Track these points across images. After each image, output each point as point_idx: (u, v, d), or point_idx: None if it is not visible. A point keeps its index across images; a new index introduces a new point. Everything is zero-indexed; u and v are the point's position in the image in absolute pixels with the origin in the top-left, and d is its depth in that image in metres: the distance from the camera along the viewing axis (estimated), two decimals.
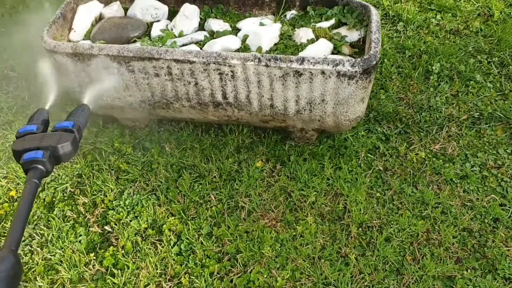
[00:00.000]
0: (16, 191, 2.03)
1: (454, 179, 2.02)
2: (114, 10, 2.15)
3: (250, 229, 1.84)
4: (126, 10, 2.20)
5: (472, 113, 2.28)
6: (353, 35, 2.01)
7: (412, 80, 2.44)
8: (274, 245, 1.80)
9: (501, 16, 2.81)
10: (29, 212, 1.07)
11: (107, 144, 2.17)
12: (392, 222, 1.87)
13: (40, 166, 1.15)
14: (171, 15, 2.17)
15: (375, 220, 1.88)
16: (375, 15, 1.93)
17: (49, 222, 1.91)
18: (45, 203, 1.99)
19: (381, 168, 2.06)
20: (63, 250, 1.82)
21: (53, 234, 1.87)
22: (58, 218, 1.92)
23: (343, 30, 2.03)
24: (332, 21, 2.06)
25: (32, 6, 3.01)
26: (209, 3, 2.18)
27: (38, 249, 1.84)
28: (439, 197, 1.96)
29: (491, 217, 1.88)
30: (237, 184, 1.99)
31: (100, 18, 2.16)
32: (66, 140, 1.24)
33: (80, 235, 1.87)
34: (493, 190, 1.98)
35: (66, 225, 1.90)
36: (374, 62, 1.72)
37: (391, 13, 2.87)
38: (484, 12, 2.87)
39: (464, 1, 2.94)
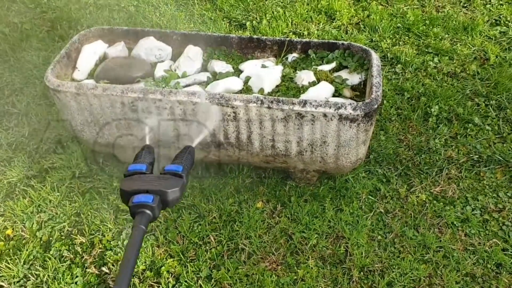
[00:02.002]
0: (13, 229, 2.00)
1: (455, 223, 2.00)
2: (119, 50, 2.18)
3: (250, 273, 1.81)
4: (130, 50, 2.23)
5: (471, 155, 2.30)
6: (354, 78, 2.04)
7: (411, 122, 2.47)
8: None
9: (497, 60, 2.86)
10: (136, 260, 1.03)
11: (106, 182, 2.16)
12: (394, 266, 1.85)
13: (148, 212, 1.11)
14: (175, 56, 2.20)
15: (377, 264, 1.86)
16: (375, 59, 1.97)
17: (45, 262, 1.87)
18: (41, 242, 1.95)
19: (382, 210, 2.05)
20: None
21: (49, 275, 1.83)
22: (55, 258, 1.88)
23: (344, 73, 2.06)
24: (333, 64, 2.09)
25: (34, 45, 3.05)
26: (212, 45, 2.21)
27: None
28: (440, 240, 1.94)
29: (493, 262, 1.86)
30: (237, 225, 1.97)
31: (105, 57, 2.19)
32: (176, 185, 1.20)
33: (77, 276, 1.83)
34: (495, 234, 1.97)
35: (63, 265, 1.86)
36: (376, 106, 1.74)
37: (389, 55, 2.92)
38: (480, 55, 2.93)
39: (460, 45, 3.00)
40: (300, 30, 3.14)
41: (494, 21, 3.23)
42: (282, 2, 3.44)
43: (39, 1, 3.46)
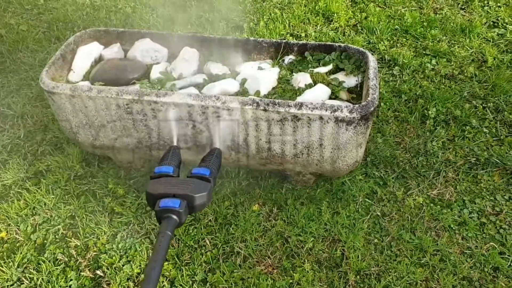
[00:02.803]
0: (7, 232, 1.98)
1: (452, 226, 1.99)
2: (114, 51, 2.17)
3: (246, 276, 1.80)
4: (126, 52, 2.21)
5: (468, 158, 2.29)
6: (351, 81, 2.03)
7: (409, 124, 2.46)
8: None
9: (495, 62, 2.86)
10: (162, 267, 1.00)
11: (102, 185, 2.14)
12: (390, 270, 1.84)
13: (175, 217, 1.08)
14: (171, 58, 2.19)
15: (373, 267, 1.84)
16: (372, 61, 1.96)
17: (39, 265, 1.86)
18: (36, 245, 1.94)
19: (379, 213, 2.04)
20: None
21: (42, 278, 1.82)
22: (49, 261, 1.87)
23: (340, 76, 2.05)
24: (329, 67, 2.08)
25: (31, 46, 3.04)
26: (208, 47, 2.20)
27: None
28: (437, 244, 1.93)
29: (490, 266, 1.85)
30: (233, 228, 1.96)
31: (100, 59, 2.18)
32: (204, 190, 1.17)
33: (71, 280, 1.81)
34: (492, 237, 1.96)
35: (57, 268, 1.85)
36: (372, 109, 1.73)
37: (387, 57, 2.91)
38: (478, 57, 2.92)
39: (458, 47, 3.00)
40: (298, 32, 3.14)
41: (492, 23, 3.23)
42: (279, 4, 3.44)
43: (36, 2, 3.45)
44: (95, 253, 1.89)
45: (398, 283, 1.79)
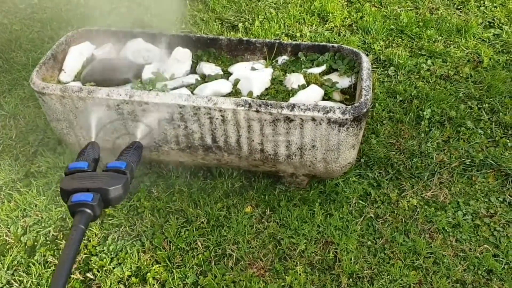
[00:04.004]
0: None
1: (446, 228, 1.98)
2: (106, 51, 2.15)
3: (238, 279, 1.78)
4: (118, 52, 2.19)
5: (463, 159, 2.27)
6: (344, 82, 2.01)
7: (403, 125, 2.44)
8: None
9: (490, 62, 2.84)
10: (74, 261, 1.00)
11: None
12: (383, 273, 1.82)
13: (88, 210, 1.08)
14: (163, 58, 2.17)
15: (366, 270, 1.83)
16: (366, 62, 1.94)
17: (29, 268, 1.84)
18: (26, 247, 1.92)
19: (372, 215, 2.02)
20: None
21: (32, 281, 1.80)
22: (39, 263, 1.85)
23: (334, 76, 2.04)
24: (323, 67, 2.07)
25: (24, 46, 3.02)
26: (201, 47, 2.18)
27: None
28: (431, 246, 1.91)
29: (484, 269, 1.84)
30: (225, 230, 1.94)
31: (92, 59, 2.16)
32: (118, 182, 1.16)
33: None
34: (486, 240, 1.94)
35: (47, 271, 1.83)
36: (365, 110, 1.71)
37: (382, 57, 2.90)
38: (473, 58, 2.90)
39: (454, 47, 2.98)
40: (293, 32, 3.12)
41: (487, 23, 3.22)
42: (275, 4, 3.42)
43: (30, 1, 3.43)
44: (85, 255, 1.88)
45: (391, 286, 1.78)
